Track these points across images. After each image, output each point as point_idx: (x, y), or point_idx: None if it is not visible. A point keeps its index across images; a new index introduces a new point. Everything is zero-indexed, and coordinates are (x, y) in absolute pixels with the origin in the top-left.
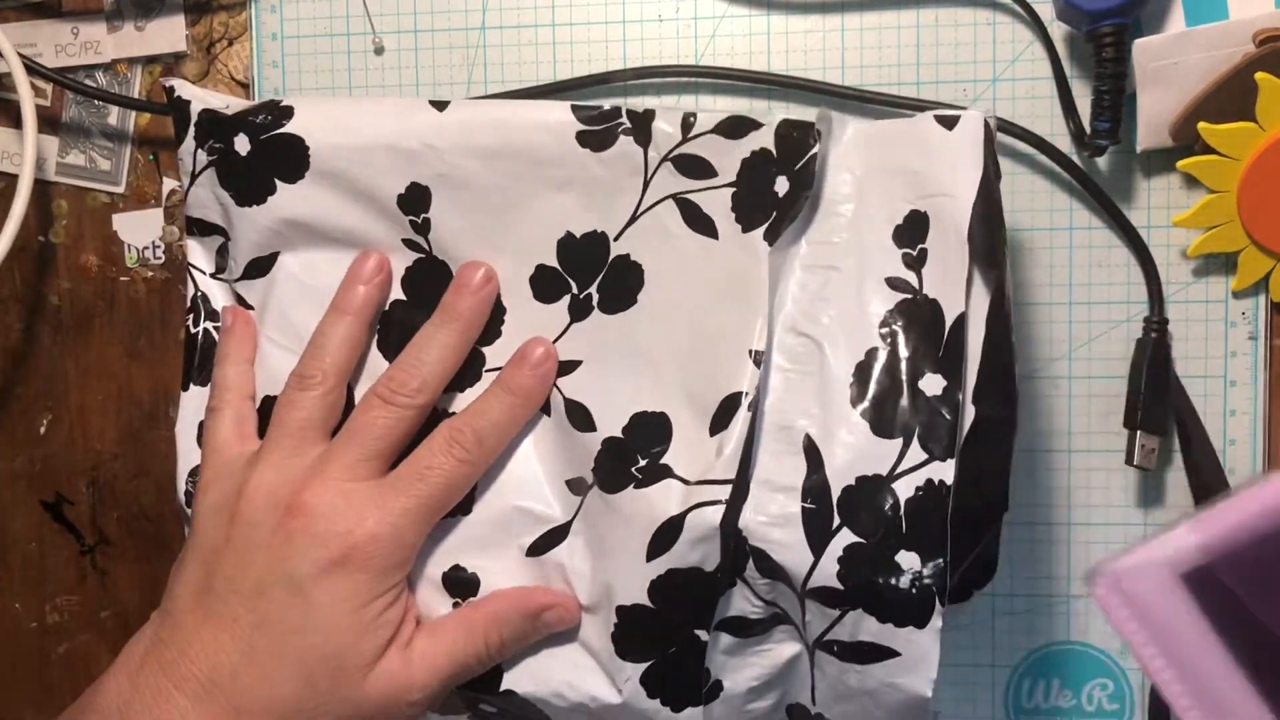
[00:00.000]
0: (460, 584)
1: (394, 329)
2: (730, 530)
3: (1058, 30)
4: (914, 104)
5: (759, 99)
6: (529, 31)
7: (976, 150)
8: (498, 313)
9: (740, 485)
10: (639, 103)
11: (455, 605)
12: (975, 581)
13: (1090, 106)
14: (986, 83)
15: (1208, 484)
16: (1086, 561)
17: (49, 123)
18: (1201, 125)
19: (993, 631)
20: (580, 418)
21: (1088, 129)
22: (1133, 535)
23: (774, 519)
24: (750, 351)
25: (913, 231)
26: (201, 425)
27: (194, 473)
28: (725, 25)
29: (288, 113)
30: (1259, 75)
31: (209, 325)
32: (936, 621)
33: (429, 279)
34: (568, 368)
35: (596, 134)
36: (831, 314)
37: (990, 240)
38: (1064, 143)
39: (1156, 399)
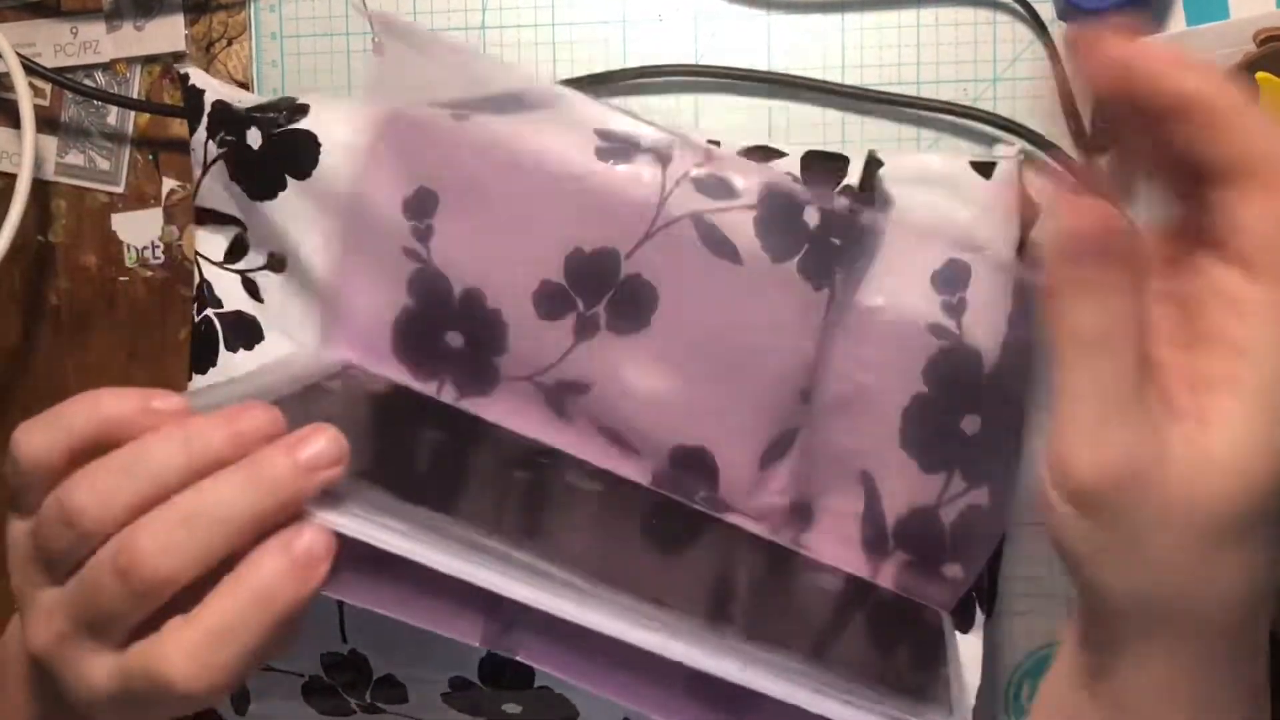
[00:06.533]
0: None
1: None
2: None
3: (1058, 30)
4: (915, 103)
5: (759, 99)
6: (529, 31)
7: (1013, 202)
8: (499, 329)
9: (803, 511)
10: (639, 102)
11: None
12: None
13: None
14: (987, 82)
15: None
16: None
17: (48, 123)
18: None
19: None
20: None
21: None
22: None
23: (838, 539)
24: (800, 391)
25: (953, 279)
26: None
27: None
28: (725, 25)
29: (303, 110)
30: (1259, 75)
31: (210, 313)
32: (978, 629)
33: (427, 290)
34: (579, 388)
35: (616, 150)
36: (875, 358)
37: (1026, 307)
38: (1064, 143)
39: None
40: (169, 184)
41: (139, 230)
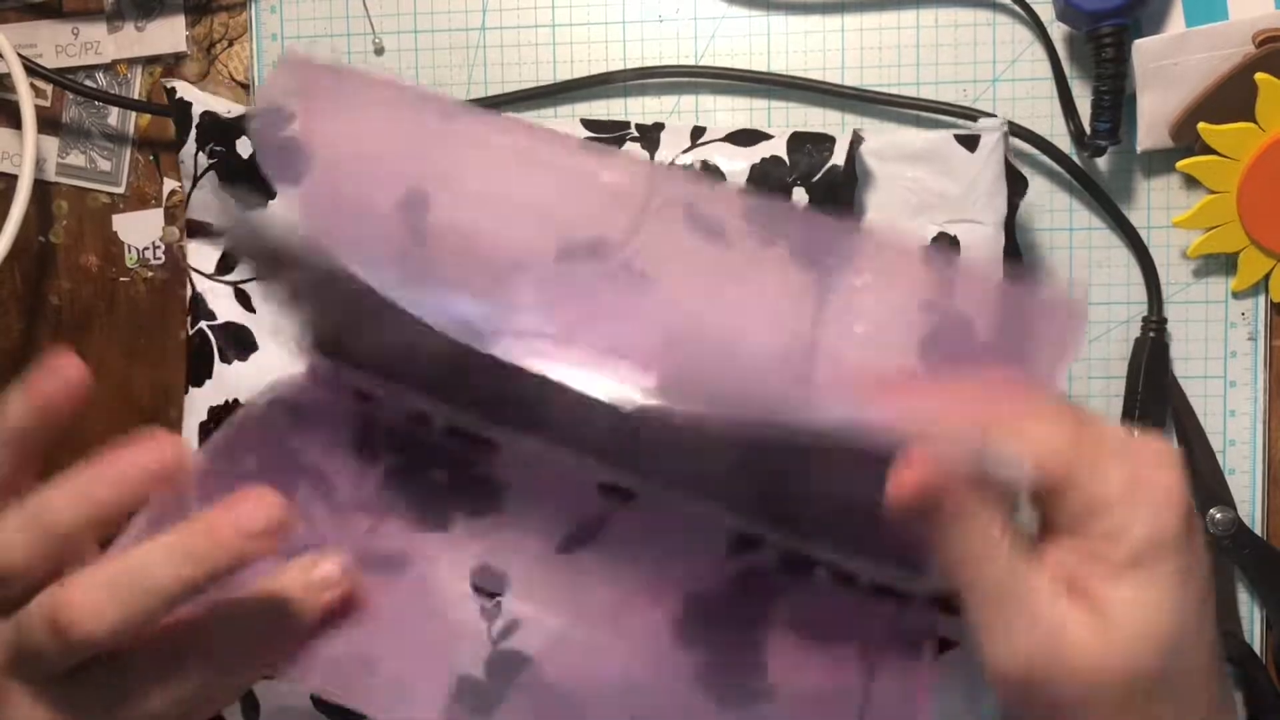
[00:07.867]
0: (490, 582)
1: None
2: None
3: (1058, 30)
4: (915, 103)
5: (759, 99)
6: (529, 31)
7: (999, 175)
8: None
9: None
10: (639, 103)
11: (482, 608)
12: None
13: (1090, 107)
14: (986, 83)
15: (1205, 483)
16: None
17: (49, 123)
18: (1201, 126)
19: None
20: None
21: (1088, 129)
22: None
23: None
24: (795, 373)
25: (942, 253)
26: (201, 427)
27: None
28: (725, 25)
29: (291, 116)
30: (1259, 76)
31: (204, 325)
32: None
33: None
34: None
35: (603, 140)
36: (867, 336)
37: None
38: (1064, 143)
39: (1154, 398)
40: (170, 185)
41: (140, 231)
